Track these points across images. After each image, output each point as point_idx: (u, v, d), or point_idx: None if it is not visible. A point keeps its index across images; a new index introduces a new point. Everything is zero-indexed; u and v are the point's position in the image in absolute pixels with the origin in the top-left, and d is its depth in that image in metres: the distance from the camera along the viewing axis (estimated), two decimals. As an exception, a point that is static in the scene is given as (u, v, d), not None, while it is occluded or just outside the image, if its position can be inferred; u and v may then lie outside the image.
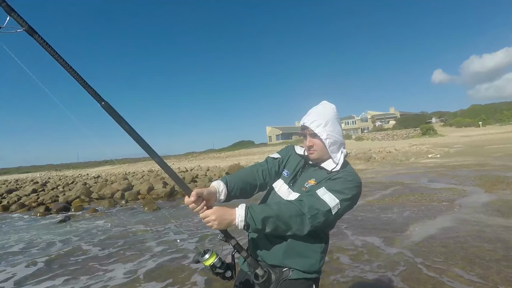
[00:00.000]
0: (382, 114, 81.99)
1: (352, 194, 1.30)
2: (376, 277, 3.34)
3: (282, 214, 1.20)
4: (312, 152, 1.41)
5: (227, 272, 1.30)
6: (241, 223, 1.18)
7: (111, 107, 1.10)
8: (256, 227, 1.19)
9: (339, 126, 1.42)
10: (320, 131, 1.36)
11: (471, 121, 59.40)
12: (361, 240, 4.61)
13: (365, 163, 20.95)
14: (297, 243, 1.33)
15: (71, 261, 4.76)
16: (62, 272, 4.31)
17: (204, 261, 1.27)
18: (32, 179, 33.04)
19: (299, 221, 1.21)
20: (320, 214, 1.22)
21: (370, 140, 54.20)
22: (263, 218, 1.18)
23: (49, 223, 8.36)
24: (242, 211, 1.19)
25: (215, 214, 1.20)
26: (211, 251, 1.28)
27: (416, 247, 4.14)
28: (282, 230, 1.22)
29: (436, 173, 12.05)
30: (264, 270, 1.30)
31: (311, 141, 1.40)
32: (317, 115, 1.39)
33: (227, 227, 1.22)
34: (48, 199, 12.51)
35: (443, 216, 5.63)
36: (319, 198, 1.25)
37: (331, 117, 1.39)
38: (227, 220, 1.20)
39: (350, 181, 1.33)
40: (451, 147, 28.66)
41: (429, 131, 52.53)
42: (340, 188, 1.28)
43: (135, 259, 4.61)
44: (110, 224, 7.59)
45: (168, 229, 6.51)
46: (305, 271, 1.35)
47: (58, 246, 5.79)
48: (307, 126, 1.39)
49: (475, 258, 3.60)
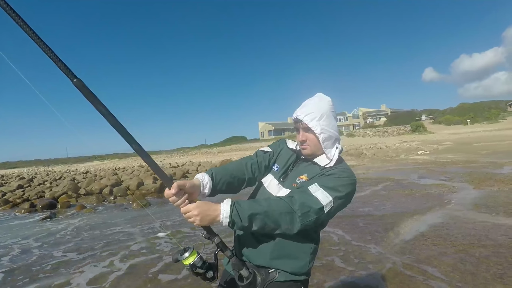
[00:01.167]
0: (374, 111, 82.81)
1: (346, 192, 1.21)
2: (364, 276, 3.29)
3: (271, 211, 1.10)
4: (305, 147, 1.32)
5: (209, 273, 1.19)
6: (226, 219, 1.08)
7: (84, 85, 0.97)
8: (242, 225, 1.08)
9: (334, 120, 1.32)
10: (314, 125, 1.26)
11: (460, 119, 60.47)
12: (350, 237, 4.58)
13: (356, 159, 21.09)
14: (286, 242, 1.24)
15: (37, 267, 4.45)
16: (24, 279, 4.13)
17: (183, 260, 1.15)
18: (19, 175, 32.29)
19: (289, 219, 1.11)
20: (312, 212, 1.13)
21: (361, 136, 54.65)
22: (250, 215, 1.08)
23: (30, 222, 8.12)
24: (228, 207, 1.08)
25: (197, 209, 1.09)
26: (191, 249, 1.17)
27: (406, 245, 4.12)
28: (271, 228, 1.12)
29: (426, 170, 12.17)
30: (249, 271, 1.21)
31: (304, 136, 1.31)
32: (312, 108, 1.29)
33: (210, 223, 1.11)
34: (33, 195, 12.17)
35: (433, 212, 5.65)
36: (311, 195, 1.15)
37: (326, 110, 1.30)
38: (210, 216, 1.09)
39: (345, 178, 1.24)
40: (440, 144, 29.09)
41: (419, 128, 53.24)
42: (333, 185, 1.19)
43: (108, 263, 4.39)
44: (93, 223, 7.42)
45: (152, 228, 6.38)
46: (293, 272, 1.25)
47: (30, 248, 5.60)
48: (301, 119, 1.29)
49: (465, 256, 3.59)
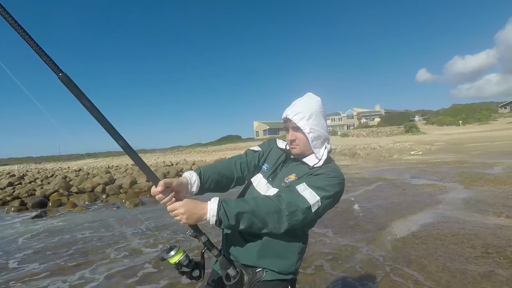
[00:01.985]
0: (368, 111, 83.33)
1: (335, 192, 1.21)
2: (355, 276, 3.31)
3: (258, 210, 1.09)
4: (294, 147, 1.32)
5: (195, 271, 1.19)
6: (213, 218, 1.08)
7: (70, 80, 0.97)
8: (229, 223, 1.08)
9: (323, 120, 1.33)
10: (303, 124, 1.26)
11: (452, 119, 61.22)
12: (341, 237, 4.60)
13: (350, 159, 21.21)
14: (274, 242, 1.23)
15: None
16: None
17: (169, 258, 1.15)
18: (9, 172, 31.75)
19: (276, 218, 1.11)
20: (299, 211, 1.13)
21: (356, 136, 54.97)
22: (237, 214, 1.08)
23: (16, 221, 8.00)
24: (215, 205, 1.08)
25: (184, 207, 1.09)
26: (177, 248, 1.17)
27: (397, 243, 4.15)
28: (258, 227, 1.12)
29: (418, 170, 12.30)
30: (236, 270, 1.20)
31: (293, 135, 1.31)
32: (301, 107, 1.29)
33: (197, 222, 1.11)
34: (24, 193, 12.00)
35: (424, 212, 5.70)
36: (298, 195, 1.15)
37: (315, 110, 1.29)
38: (197, 214, 1.09)
39: (333, 178, 1.24)
40: (433, 145, 29.41)
41: (412, 129, 53.76)
42: (321, 185, 1.19)
43: (83, 269, 4.42)
44: (79, 223, 7.34)
45: (140, 228, 6.34)
46: (280, 272, 1.25)
47: (10, 250, 5.52)
48: (290, 118, 1.29)
49: (455, 255, 3.63)
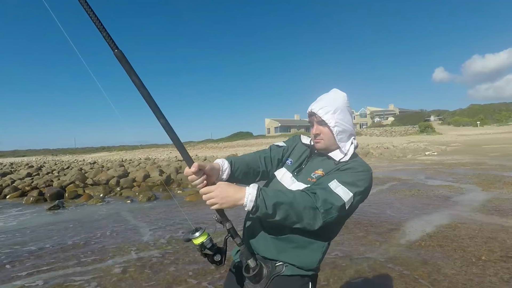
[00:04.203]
0: (381, 111, 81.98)
1: (365, 187, 1.20)
2: (369, 277, 3.27)
3: (296, 204, 1.08)
4: (319, 141, 1.31)
5: (216, 256, 1.20)
6: (251, 203, 1.05)
7: (124, 56, 1.04)
8: (265, 212, 1.06)
9: (349, 115, 1.32)
10: (329, 118, 1.26)
11: (469, 120, 59.54)
12: (354, 237, 4.55)
13: (363, 158, 20.90)
14: (296, 236, 1.21)
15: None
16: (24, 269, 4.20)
17: (194, 239, 1.16)
18: (28, 163, 32.79)
19: (312, 214, 1.09)
20: (334, 209, 1.11)
21: (368, 135, 54.23)
22: (276, 203, 1.06)
23: (35, 211, 8.25)
24: (254, 191, 1.07)
25: (219, 190, 1.07)
26: (202, 230, 1.17)
27: (412, 245, 4.08)
28: (292, 221, 1.09)
29: (433, 170, 12.03)
30: (256, 262, 1.19)
31: (318, 129, 1.30)
32: (326, 101, 1.29)
33: (230, 206, 1.09)
34: (42, 184, 12.36)
35: (440, 213, 5.58)
36: (332, 192, 1.13)
37: (341, 104, 1.29)
38: (232, 198, 1.07)
39: (362, 172, 1.22)
40: (448, 146, 28.71)
41: (427, 129, 52.62)
42: (352, 180, 1.18)
43: (100, 261, 4.51)
44: (95, 215, 7.51)
45: (148, 224, 6.43)
46: (301, 267, 1.23)
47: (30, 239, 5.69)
48: (315, 112, 1.29)
49: (472, 258, 3.54)
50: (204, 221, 5.79)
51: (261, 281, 1.20)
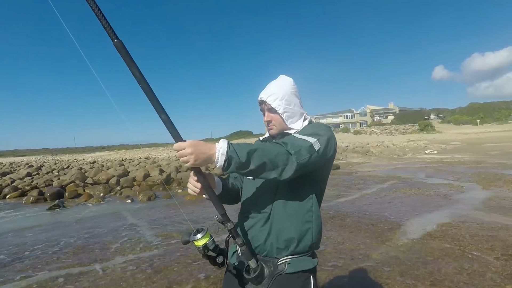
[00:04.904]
0: (381, 109, 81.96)
1: (328, 134, 1.23)
2: (369, 276, 3.27)
3: (268, 150, 1.07)
4: (271, 127, 1.36)
5: (219, 257, 1.17)
6: (222, 156, 1.01)
7: (124, 46, 1.00)
8: (239, 161, 1.02)
9: (297, 98, 1.37)
10: (277, 105, 1.31)
11: (469, 119, 59.55)
12: (355, 236, 4.55)
13: (363, 156, 20.94)
14: (287, 224, 1.23)
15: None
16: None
17: (195, 241, 1.11)
18: (27, 163, 32.77)
19: (285, 158, 1.08)
20: (304, 150, 1.11)
21: (368, 134, 54.22)
22: (249, 151, 1.03)
23: (35, 211, 8.25)
24: (225, 144, 1.03)
25: (191, 147, 1.02)
26: (205, 231, 1.13)
27: (412, 244, 4.07)
28: (268, 168, 1.06)
29: (433, 169, 12.04)
30: (257, 263, 1.17)
31: (269, 116, 1.35)
32: (274, 88, 1.34)
33: (204, 163, 1.04)
34: (42, 183, 12.35)
35: (440, 212, 5.58)
36: (298, 139, 1.16)
37: (288, 90, 1.34)
38: (205, 154, 1.02)
39: (319, 125, 1.30)
40: (448, 144, 28.73)
41: (427, 128, 52.62)
42: (312, 132, 1.22)
43: (100, 260, 4.51)
44: (96, 214, 7.51)
45: (149, 224, 6.42)
46: (299, 252, 1.24)
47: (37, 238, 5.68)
48: (264, 100, 1.33)
49: (473, 257, 3.54)
50: (205, 221, 5.78)
51: (263, 282, 1.18)
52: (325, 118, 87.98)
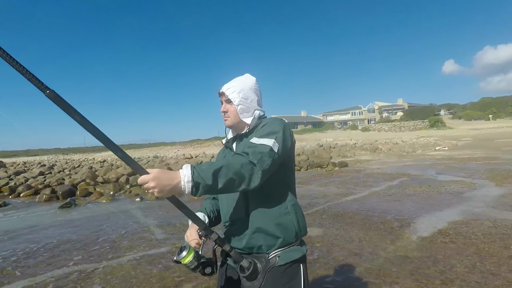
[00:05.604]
0: (390, 105, 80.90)
1: (282, 129, 1.27)
2: (380, 274, 3.24)
3: (231, 165, 1.08)
4: (226, 118, 1.42)
5: (207, 269, 1.25)
6: (188, 184, 1.01)
7: (57, 95, 0.94)
8: (206, 184, 1.02)
9: (255, 96, 1.42)
10: (234, 97, 1.37)
11: (481, 114, 58.28)
12: (364, 234, 4.51)
13: (371, 154, 20.74)
14: (265, 221, 1.27)
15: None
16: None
17: (181, 259, 1.19)
18: (40, 162, 33.49)
19: (250, 168, 1.11)
20: (265, 156, 1.15)
21: (377, 131, 53.65)
22: (214, 172, 1.03)
23: (48, 209, 8.42)
24: (188, 171, 1.03)
25: (154, 181, 1.00)
26: (188, 248, 1.21)
27: (423, 241, 4.02)
28: (236, 183, 1.08)
29: (444, 166, 11.84)
30: (249, 261, 1.24)
31: (225, 107, 1.41)
32: (235, 83, 1.40)
33: (171, 193, 1.04)
34: (54, 182, 12.61)
35: (452, 209, 5.49)
36: (256, 145, 1.19)
37: (247, 86, 1.40)
38: (169, 185, 1.01)
39: (271, 122, 1.33)
40: (460, 140, 28.20)
41: (437, 124, 51.76)
42: (268, 131, 1.26)
43: (112, 258, 4.57)
44: (107, 213, 7.62)
45: (158, 222, 6.48)
46: (288, 243, 1.29)
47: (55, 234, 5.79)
48: (224, 92, 1.40)
49: (486, 255, 3.47)
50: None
51: (258, 277, 1.25)
52: (332, 115, 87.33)
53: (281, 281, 1.26)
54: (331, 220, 5.27)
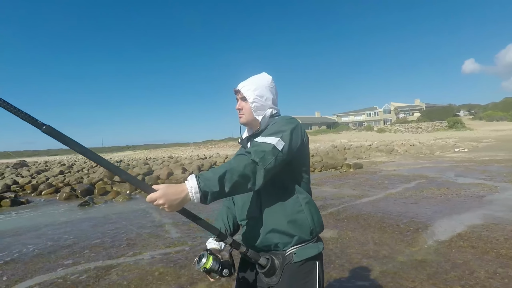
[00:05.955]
0: (406, 106, 79.09)
1: (291, 128, 1.26)
2: (395, 279, 3.18)
3: (235, 167, 1.09)
4: (241, 116, 1.44)
5: (225, 270, 1.27)
6: (197, 195, 1.03)
7: (53, 129, 0.96)
8: (214, 191, 1.04)
9: (270, 94, 1.43)
10: (249, 94, 1.38)
11: (504, 114, 56.08)
12: (379, 236, 4.43)
13: (387, 155, 20.35)
14: (279, 220, 1.28)
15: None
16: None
17: (202, 266, 1.24)
18: (60, 161, 34.65)
19: (253, 167, 1.11)
20: (267, 154, 1.14)
21: (393, 132, 52.60)
22: (219, 178, 1.04)
23: (68, 207, 8.68)
24: (194, 182, 1.04)
25: (163, 198, 1.02)
26: (205, 255, 1.26)
27: (441, 245, 3.92)
28: (241, 184, 1.09)
29: (464, 168, 11.47)
30: (266, 258, 1.27)
31: (240, 105, 1.44)
32: (251, 81, 1.42)
33: (180, 206, 1.06)
34: (73, 180, 13.04)
35: (472, 213, 5.32)
36: (259, 144, 1.19)
37: (263, 84, 1.41)
38: (178, 199, 1.03)
39: (281, 120, 1.32)
40: (480, 142, 27.26)
41: (457, 125, 50.24)
42: (275, 130, 1.25)
43: (129, 255, 4.65)
44: (123, 211, 7.78)
45: (173, 221, 6.56)
46: (304, 240, 1.29)
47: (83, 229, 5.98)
48: (239, 89, 1.42)
49: (508, 260, 3.35)
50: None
51: (276, 273, 1.27)
52: (347, 116, 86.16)
53: (297, 278, 1.28)
54: (346, 222, 5.20)
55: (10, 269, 3.92)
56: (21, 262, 4.14)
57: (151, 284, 3.28)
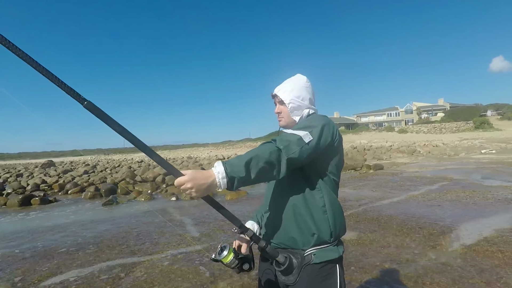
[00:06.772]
0: (429, 106, 76.44)
1: (321, 124, 1.26)
2: (416, 282, 3.10)
3: (260, 154, 1.10)
4: (280, 119, 1.46)
5: (245, 265, 1.29)
6: (223, 180, 1.05)
7: (95, 106, 0.97)
8: (240, 177, 1.06)
9: (307, 94, 1.42)
10: (285, 97, 1.39)
11: (535, 114, 53.01)
12: (401, 240, 4.34)
13: (409, 156, 19.79)
14: (303, 218, 1.27)
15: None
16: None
17: (222, 259, 1.24)
18: (84, 162, 36.07)
19: (278, 155, 1.12)
20: (292, 144, 1.15)
21: (415, 132, 51.03)
22: (245, 163, 1.06)
23: (93, 206, 9.01)
24: (221, 167, 1.06)
25: (191, 181, 1.04)
26: (228, 247, 1.26)
27: (467, 249, 3.79)
28: (267, 170, 1.10)
29: (491, 170, 10.98)
30: (284, 256, 1.26)
31: (279, 108, 1.45)
32: (286, 83, 1.43)
33: (208, 192, 1.07)
34: (97, 180, 13.56)
35: (499, 216, 5.10)
36: (287, 134, 1.21)
37: (298, 84, 1.42)
38: (205, 184, 1.05)
39: (313, 117, 1.35)
40: (509, 143, 25.93)
41: (484, 125, 48.05)
42: (305, 125, 1.26)
43: (150, 253, 4.78)
44: (146, 210, 7.99)
45: (193, 221, 6.67)
46: (324, 242, 1.28)
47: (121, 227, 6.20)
48: (276, 93, 1.43)
49: (540, 266, 3.19)
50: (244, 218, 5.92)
51: (293, 272, 1.26)
52: (367, 116, 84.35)
53: (316, 280, 1.26)
54: (366, 224, 5.13)
55: (41, 264, 4.15)
56: (51, 258, 4.37)
57: (174, 281, 3.38)
